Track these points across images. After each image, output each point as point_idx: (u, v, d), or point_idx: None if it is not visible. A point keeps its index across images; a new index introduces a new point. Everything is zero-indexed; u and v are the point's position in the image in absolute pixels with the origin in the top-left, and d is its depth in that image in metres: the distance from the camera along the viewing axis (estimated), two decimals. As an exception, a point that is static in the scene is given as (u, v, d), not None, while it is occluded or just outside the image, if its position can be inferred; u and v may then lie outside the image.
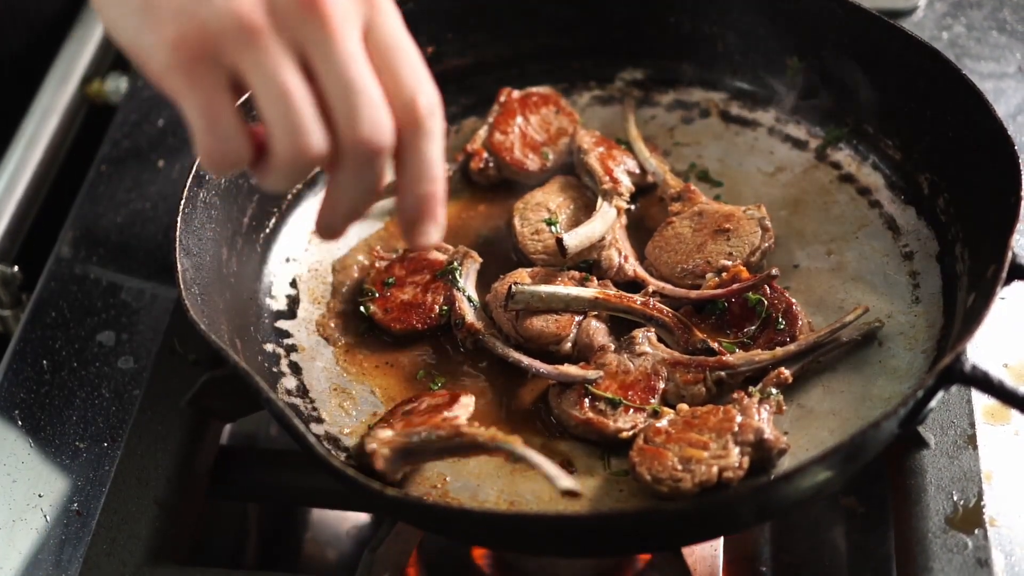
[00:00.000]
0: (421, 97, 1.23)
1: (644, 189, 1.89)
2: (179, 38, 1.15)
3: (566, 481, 1.43)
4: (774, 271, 1.66)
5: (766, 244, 1.75)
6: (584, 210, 1.84)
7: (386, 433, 1.53)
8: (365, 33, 1.21)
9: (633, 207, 1.87)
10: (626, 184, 1.84)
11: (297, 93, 1.17)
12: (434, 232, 1.27)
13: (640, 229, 1.84)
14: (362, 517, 1.95)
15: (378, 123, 1.20)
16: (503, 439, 1.50)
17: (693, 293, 1.70)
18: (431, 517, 1.49)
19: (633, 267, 1.76)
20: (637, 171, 1.88)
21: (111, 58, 2.36)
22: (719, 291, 1.68)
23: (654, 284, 1.73)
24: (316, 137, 1.19)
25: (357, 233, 1.89)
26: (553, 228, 1.80)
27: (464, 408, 1.59)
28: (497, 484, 1.57)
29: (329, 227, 1.27)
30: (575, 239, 1.74)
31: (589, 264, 1.77)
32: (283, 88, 1.17)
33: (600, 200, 1.81)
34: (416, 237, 1.28)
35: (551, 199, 1.85)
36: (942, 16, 2.23)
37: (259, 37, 1.16)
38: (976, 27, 2.21)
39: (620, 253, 1.76)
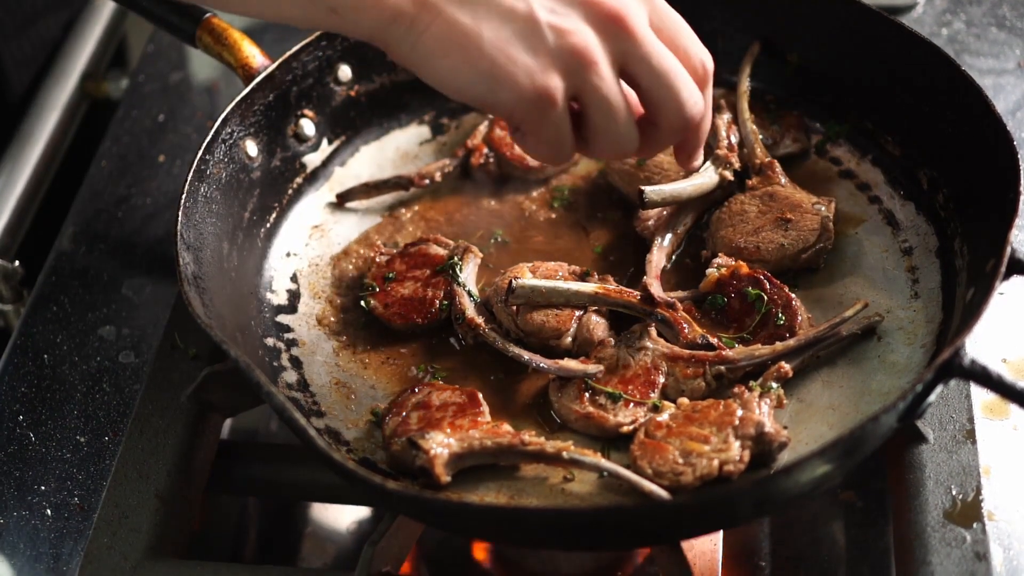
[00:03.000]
0: (705, 59, 1.55)
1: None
2: (535, 90, 1.44)
3: (660, 491, 1.48)
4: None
5: (820, 245, 1.74)
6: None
7: (442, 437, 1.54)
8: (652, 23, 1.50)
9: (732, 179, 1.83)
10: (735, 160, 1.83)
11: (623, 105, 1.48)
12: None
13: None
14: (362, 512, 1.95)
15: (697, 100, 1.52)
16: (578, 452, 1.53)
17: (674, 294, 1.71)
18: (432, 511, 1.49)
19: (658, 232, 1.77)
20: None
21: (112, 54, 2.36)
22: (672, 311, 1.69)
23: (648, 277, 1.72)
24: (633, 138, 1.51)
25: (357, 227, 1.89)
26: (641, 161, 1.84)
27: (486, 406, 1.62)
28: (497, 478, 1.57)
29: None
30: (658, 195, 1.74)
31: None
32: (614, 105, 1.48)
33: (708, 163, 1.80)
34: (692, 161, 1.63)
35: None
36: (942, 12, 2.24)
37: (596, 66, 1.45)
38: (975, 23, 2.22)
39: (665, 212, 1.79)
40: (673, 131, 1.54)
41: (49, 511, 1.69)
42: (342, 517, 1.96)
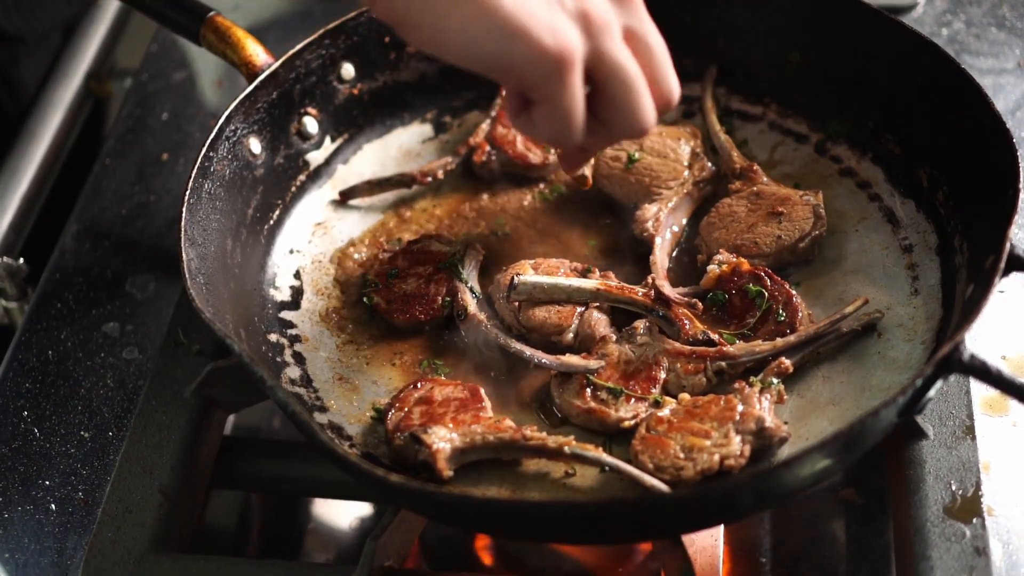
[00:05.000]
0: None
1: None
2: (556, 48, 1.35)
3: (661, 485, 1.49)
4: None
5: (816, 232, 1.75)
6: (674, 163, 1.86)
7: (444, 432, 1.55)
8: None
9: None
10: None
11: (641, 74, 1.42)
12: None
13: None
14: (364, 507, 1.96)
15: (675, 86, 1.49)
16: (579, 447, 1.54)
17: (677, 290, 1.71)
18: (434, 504, 1.50)
19: (658, 233, 1.78)
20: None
21: (116, 52, 2.37)
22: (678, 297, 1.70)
23: (657, 278, 1.73)
24: (652, 113, 1.45)
25: (360, 224, 1.90)
26: (629, 165, 1.85)
27: (488, 402, 1.63)
28: (499, 473, 1.58)
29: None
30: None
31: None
32: (633, 72, 1.41)
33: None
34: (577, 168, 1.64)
35: (659, 140, 1.89)
36: (942, 13, 2.25)
37: (612, 31, 1.39)
38: (975, 23, 2.22)
39: (662, 214, 1.79)
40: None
41: (53, 506, 1.69)
42: (344, 513, 1.97)
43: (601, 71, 1.40)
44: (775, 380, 1.59)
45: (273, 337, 1.76)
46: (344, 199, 1.92)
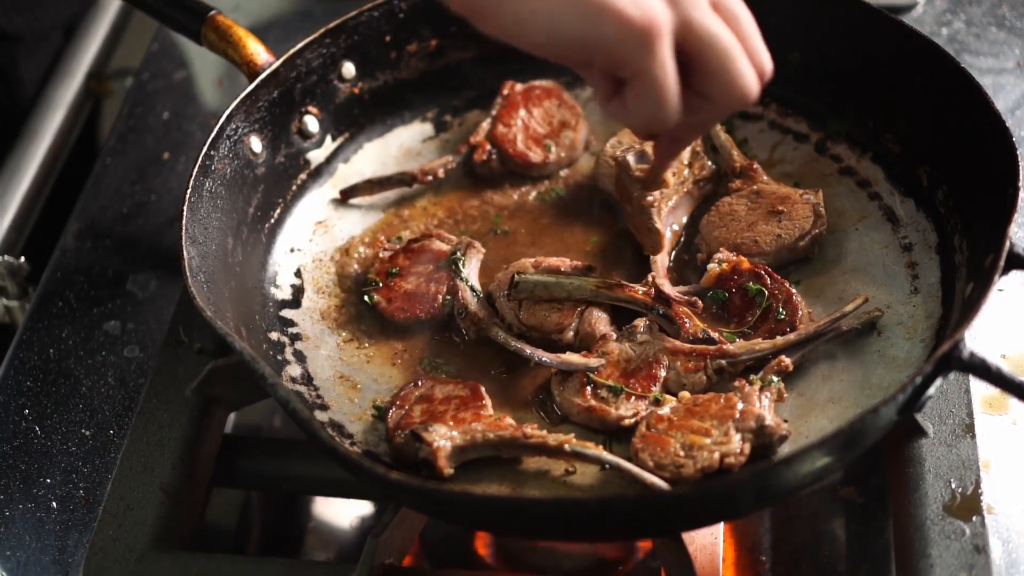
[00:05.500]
0: None
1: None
2: (643, 19, 1.30)
3: (661, 482, 1.49)
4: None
5: (816, 231, 1.76)
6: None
7: (445, 430, 1.56)
8: None
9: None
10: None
11: (736, 40, 1.37)
12: None
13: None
14: (365, 506, 1.96)
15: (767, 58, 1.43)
16: (580, 445, 1.54)
17: (677, 289, 1.71)
18: (434, 501, 1.51)
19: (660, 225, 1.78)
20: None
21: (116, 52, 2.38)
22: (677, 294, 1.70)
23: (657, 276, 1.73)
24: (754, 80, 1.40)
25: (361, 223, 1.90)
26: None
27: (488, 400, 1.63)
28: (500, 471, 1.59)
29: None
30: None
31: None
32: (727, 38, 1.36)
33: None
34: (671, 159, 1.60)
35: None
36: (942, 12, 2.25)
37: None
38: (975, 23, 2.23)
39: (664, 208, 1.79)
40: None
41: (55, 504, 1.70)
42: (345, 511, 1.97)
43: (693, 41, 1.35)
44: (775, 378, 1.60)
45: (274, 335, 1.76)
46: (345, 198, 1.93)
